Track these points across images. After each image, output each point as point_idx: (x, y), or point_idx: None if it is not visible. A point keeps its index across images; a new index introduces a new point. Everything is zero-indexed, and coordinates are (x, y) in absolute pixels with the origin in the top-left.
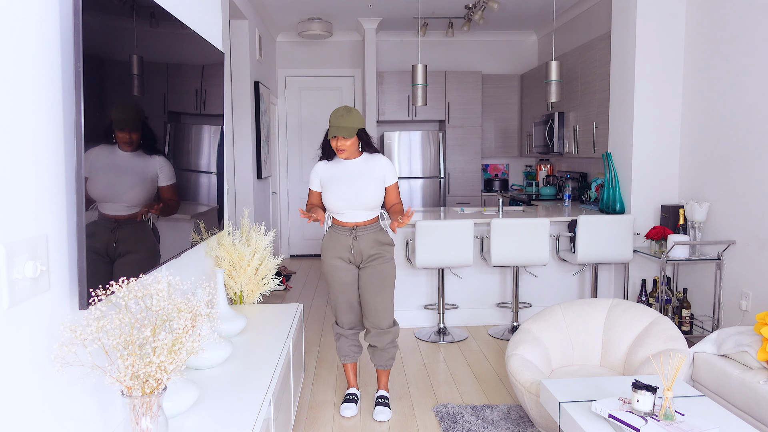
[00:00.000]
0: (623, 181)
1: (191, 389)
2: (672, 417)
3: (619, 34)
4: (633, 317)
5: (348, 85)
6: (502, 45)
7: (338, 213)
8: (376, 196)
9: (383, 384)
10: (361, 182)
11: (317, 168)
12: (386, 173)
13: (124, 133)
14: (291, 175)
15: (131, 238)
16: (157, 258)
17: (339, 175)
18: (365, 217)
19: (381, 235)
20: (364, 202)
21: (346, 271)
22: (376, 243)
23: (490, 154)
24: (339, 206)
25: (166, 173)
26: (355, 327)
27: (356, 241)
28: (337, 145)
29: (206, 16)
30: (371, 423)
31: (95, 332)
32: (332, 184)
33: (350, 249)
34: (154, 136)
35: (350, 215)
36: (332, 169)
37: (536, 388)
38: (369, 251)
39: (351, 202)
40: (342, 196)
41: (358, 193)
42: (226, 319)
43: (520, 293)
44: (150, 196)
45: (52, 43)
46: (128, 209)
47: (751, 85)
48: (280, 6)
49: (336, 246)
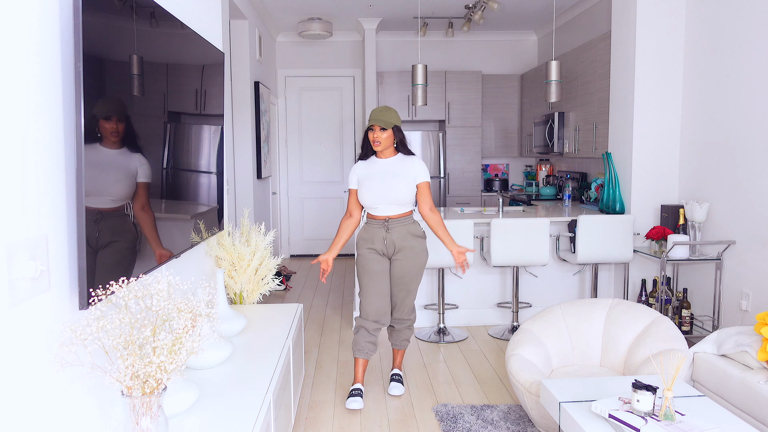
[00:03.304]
0: (623, 181)
1: (191, 389)
2: (672, 417)
3: (619, 34)
4: (633, 317)
5: (348, 85)
6: (502, 45)
7: (372, 207)
8: (407, 192)
9: (398, 363)
10: (393, 179)
11: (355, 168)
12: (417, 171)
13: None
14: (291, 175)
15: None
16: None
17: (374, 174)
18: (397, 210)
19: (413, 227)
20: (395, 197)
21: (378, 262)
22: (408, 235)
23: (490, 154)
24: (372, 201)
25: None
26: (380, 320)
27: (389, 232)
28: (374, 136)
29: (206, 16)
30: (372, 423)
31: (95, 332)
32: (367, 182)
33: (383, 240)
34: (148, 135)
35: (383, 209)
36: (369, 168)
37: (536, 388)
38: (401, 243)
39: (383, 196)
40: (375, 191)
41: (390, 188)
42: (226, 319)
43: (520, 293)
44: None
45: (52, 43)
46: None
47: (751, 84)
48: (280, 6)
49: (370, 237)
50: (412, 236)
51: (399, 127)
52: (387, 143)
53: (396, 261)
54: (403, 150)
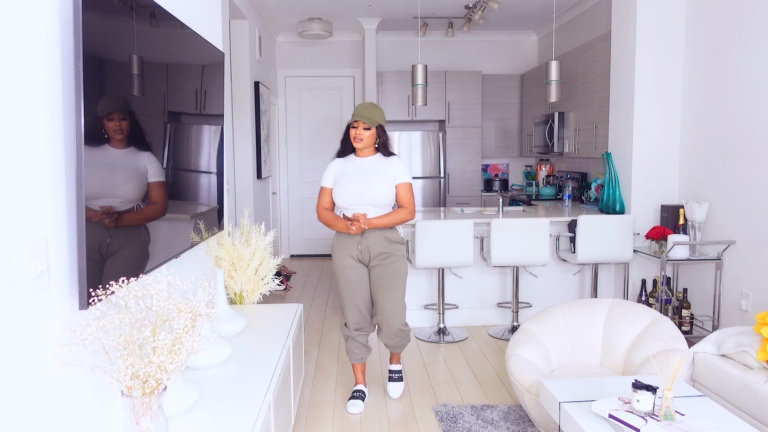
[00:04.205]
0: (623, 181)
1: (191, 389)
2: (672, 417)
3: (619, 34)
4: (633, 317)
5: (348, 85)
6: (502, 45)
7: (347, 209)
8: (385, 192)
9: (396, 359)
10: (371, 179)
11: (332, 165)
12: (397, 171)
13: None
14: (291, 175)
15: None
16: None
17: (351, 172)
18: (374, 213)
19: (390, 232)
20: (372, 198)
21: (354, 269)
22: (385, 240)
23: (490, 154)
24: (347, 201)
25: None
26: (362, 328)
27: (364, 237)
28: (356, 133)
29: (206, 16)
30: (372, 423)
31: (95, 332)
32: (343, 180)
33: (358, 245)
34: (152, 135)
35: (358, 211)
36: (346, 166)
37: (536, 388)
38: (378, 249)
39: (359, 197)
40: (351, 190)
41: (366, 188)
42: (226, 319)
43: (520, 293)
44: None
45: (52, 43)
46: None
47: (751, 84)
48: (280, 6)
49: (345, 244)
50: (388, 242)
51: (383, 127)
52: (369, 142)
53: (374, 268)
54: (384, 151)
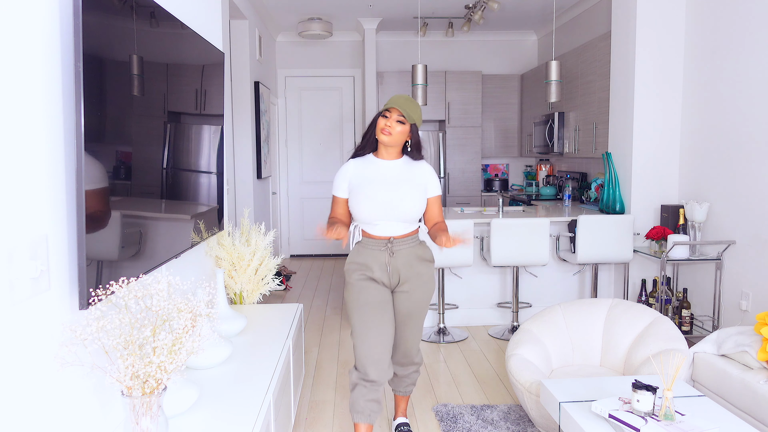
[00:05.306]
0: (623, 181)
1: (191, 389)
2: (672, 417)
3: (619, 34)
4: (633, 317)
5: (348, 85)
6: (502, 45)
7: (370, 224)
8: (419, 206)
9: (402, 410)
10: (401, 188)
11: (346, 168)
12: (429, 182)
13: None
14: (291, 175)
15: None
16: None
17: (374, 177)
18: (403, 229)
19: (421, 249)
20: (403, 212)
21: (377, 291)
22: (416, 259)
23: (490, 154)
24: (372, 216)
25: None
26: (381, 378)
27: (393, 257)
28: (386, 123)
29: (206, 16)
30: None
31: (95, 332)
32: (365, 188)
33: (386, 267)
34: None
35: (384, 227)
36: (366, 169)
37: (536, 388)
38: (407, 270)
39: (387, 210)
40: (377, 202)
41: (397, 200)
42: (226, 319)
43: (520, 293)
44: None
45: (53, 43)
46: None
47: (751, 84)
48: (280, 6)
49: (367, 263)
50: (420, 261)
51: (418, 128)
52: (398, 139)
53: (402, 294)
54: (414, 154)
